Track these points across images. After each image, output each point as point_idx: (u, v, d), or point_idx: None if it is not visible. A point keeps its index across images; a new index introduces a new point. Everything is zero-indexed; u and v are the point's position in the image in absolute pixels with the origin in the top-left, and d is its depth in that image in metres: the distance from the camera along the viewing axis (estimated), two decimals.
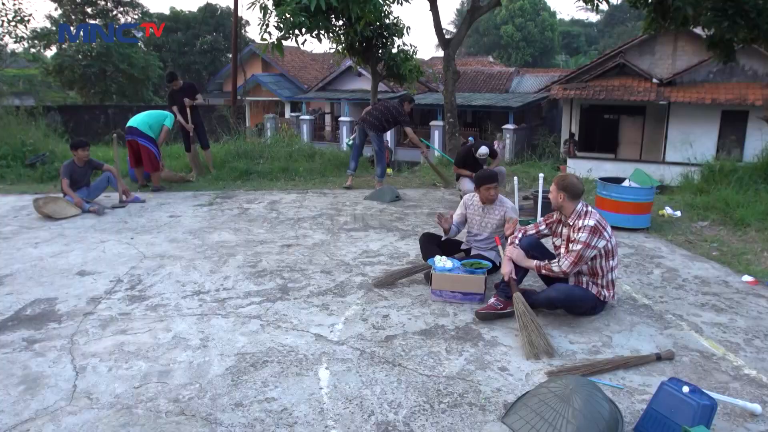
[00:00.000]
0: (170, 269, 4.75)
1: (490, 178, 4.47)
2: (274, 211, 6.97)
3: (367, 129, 8.12)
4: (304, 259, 5.05)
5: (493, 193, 4.47)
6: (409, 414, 2.67)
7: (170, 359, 3.19)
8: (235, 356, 3.23)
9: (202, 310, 3.90)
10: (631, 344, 3.43)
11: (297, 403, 2.75)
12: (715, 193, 6.95)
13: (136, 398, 2.79)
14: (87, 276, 4.58)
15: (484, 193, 4.48)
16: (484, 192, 4.47)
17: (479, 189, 4.50)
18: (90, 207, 6.77)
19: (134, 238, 5.71)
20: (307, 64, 33.74)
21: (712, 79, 17.06)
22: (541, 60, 45.46)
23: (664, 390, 2.49)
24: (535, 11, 45.72)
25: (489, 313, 3.73)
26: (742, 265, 4.88)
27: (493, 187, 4.46)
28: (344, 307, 3.97)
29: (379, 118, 8.03)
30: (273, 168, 9.51)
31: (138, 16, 28.10)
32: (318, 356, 3.23)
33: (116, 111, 10.58)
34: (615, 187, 6.03)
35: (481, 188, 4.48)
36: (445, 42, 10.44)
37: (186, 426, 2.56)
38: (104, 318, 3.75)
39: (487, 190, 4.45)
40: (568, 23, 53.84)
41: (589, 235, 3.62)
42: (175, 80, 8.72)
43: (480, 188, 4.49)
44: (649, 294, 4.27)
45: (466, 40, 48.61)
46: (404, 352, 3.30)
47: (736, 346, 3.41)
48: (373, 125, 7.99)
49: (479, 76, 28.65)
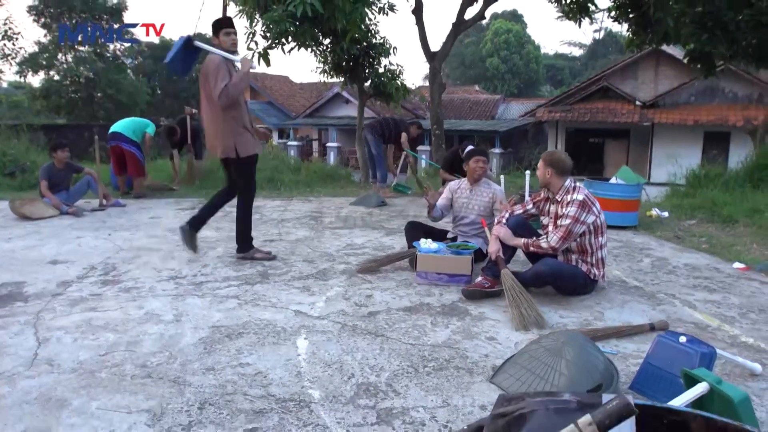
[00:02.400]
0: (147, 259, 4.59)
1: (481, 152, 4.41)
2: (258, 214, 6.83)
3: (367, 132, 8.17)
4: (286, 251, 4.90)
5: (482, 166, 4.38)
6: (391, 376, 2.51)
7: (141, 331, 3.02)
8: (210, 329, 3.06)
9: (178, 291, 3.73)
10: (624, 318, 3.31)
11: (273, 368, 2.58)
12: (702, 195, 6.93)
13: (101, 364, 2.61)
14: (59, 264, 4.39)
15: (473, 165, 4.38)
16: (473, 164, 4.38)
17: (468, 163, 4.41)
18: (68, 209, 6.59)
19: (112, 234, 5.53)
20: (295, 92, 33.99)
21: (693, 101, 17.33)
22: (527, 91, 46.16)
23: (660, 342, 2.36)
24: (520, 44, 46.63)
25: (476, 291, 3.60)
26: (732, 255, 4.80)
27: (483, 160, 4.38)
28: (326, 288, 3.82)
29: (381, 125, 8.14)
30: (258, 178, 9.33)
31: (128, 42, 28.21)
32: (297, 329, 3.07)
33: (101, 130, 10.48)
34: (602, 184, 5.99)
35: (470, 161, 4.39)
36: (431, 55, 10.51)
37: (152, 387, 2.39)
38: (74, 298, 3.57)
39: (476, 162, 4.37)
40: (552, 57, 54.89)
41: (578, 209, 3.53)
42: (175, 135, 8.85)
43: (470, 161, 4.40)
44: (639, 278, 4.16)
45: (452, 72, 49.47)
46: (387, 325, 3.15)
47: (731, 318, 3.30)
48: (374, 129, 8.07)
49: (466, 103, 28.99)
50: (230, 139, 4.28)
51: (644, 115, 17.41)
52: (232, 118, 4.25)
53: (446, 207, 4.56)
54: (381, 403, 2.27)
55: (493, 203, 4.33)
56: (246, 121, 4.35)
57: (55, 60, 25.62)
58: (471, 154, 4.45)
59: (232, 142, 4.28)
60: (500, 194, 4.41)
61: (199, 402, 2.26)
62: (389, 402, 2.28)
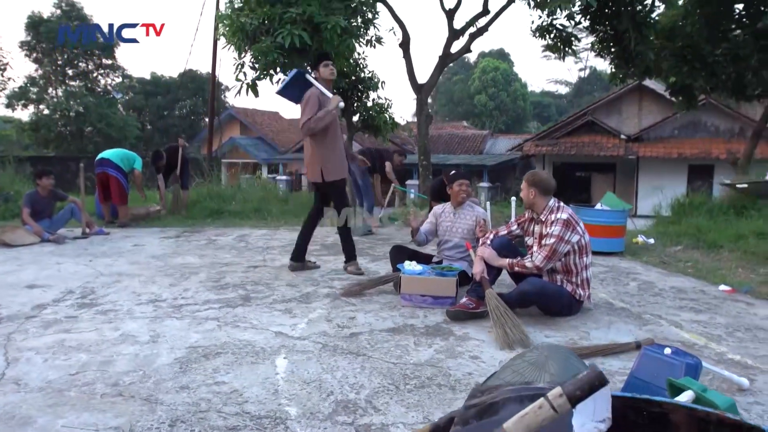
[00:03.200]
0: (127, 283, 4.50)
1: (464, 175, 4.41)
2: (243, 242, 6.78)
3: (351, 164, 8.14)
4: (269, 276, 4.83)
5: (465, 189, 4.38)
6: (371, 394, 2.44)
7: (115, 352, 2.93)
8: (186, 349, 2.98)
9: (156, 314, 3.64)
10: (610, 338, 3.25)
11: (249, 386, 2.50)
12: (687, 223, 6.97)
13: (71, 383, 2.52)
14: (36, 288, 4.30)
15: (456, 189, 4.38)
16: (457, 188, 4.37)
17: (452, 186, 4.41)
18: (50, 236, 6.50)
19: (93, 260, 5.44)
20: (285, 128, 34.22)
21: (677, 135, 17.64)
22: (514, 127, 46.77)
23: (645, 355, 2.32)
24: (507, 82, 47.48)
25: (460, 312, 3.55)
26: (717, 278, 4.79)
27: (466, 183, 4.38)
28: (308, 311, 3.75)
29: (365, 154, 8.12)
30: (245, 208, 9.35)
31: (119, 78, 28.46)
32: (277, 348, 2.99)
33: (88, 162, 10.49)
34: (588, 210, 6.00)
35: (454, 185, 4.39)
36: (418, 87, 10.65)
37: (122, 405, 2.30)
38: (48, 320, 3.48)
39: (459, 186, 4.36)
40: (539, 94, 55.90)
41: (562, 228, 3.52)
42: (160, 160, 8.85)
43: (453, 185, 4.40)
44: (626, 300, 4.13)
45: (441, 109, 50.19)
46: (370, 345, 3.08)
47: (718, 337, 3.27)
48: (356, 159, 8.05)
49: (454, 138, 29.31)
50: (317, 165, 4.74)
51: (629, 149, 17.67)
52: (322, 146, 4.69)
53: (431, 231, 4.54)
54: (360, 420, 2.19)
55: (476, 226, 4.31)
56: (337, 148, 4.75)
57: (45, 94, 25.73)
58: (454, 178, 4.45)
59: (318, 168, 4.74)
60: (482, 216, 4.40)
61: (171, 419, 2.17)
62: (368, 418, 2.20)
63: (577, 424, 0.91)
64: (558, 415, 0.78)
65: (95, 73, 27.13)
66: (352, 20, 8.91)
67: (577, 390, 0.78)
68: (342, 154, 4.87)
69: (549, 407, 0.77)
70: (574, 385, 0.79)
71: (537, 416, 0.77)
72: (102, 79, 27.56)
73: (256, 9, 8.32)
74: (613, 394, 1.15)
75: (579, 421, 0.92)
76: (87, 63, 26.49)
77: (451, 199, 4.50)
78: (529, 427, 0.76)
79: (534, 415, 0.77)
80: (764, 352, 3.00)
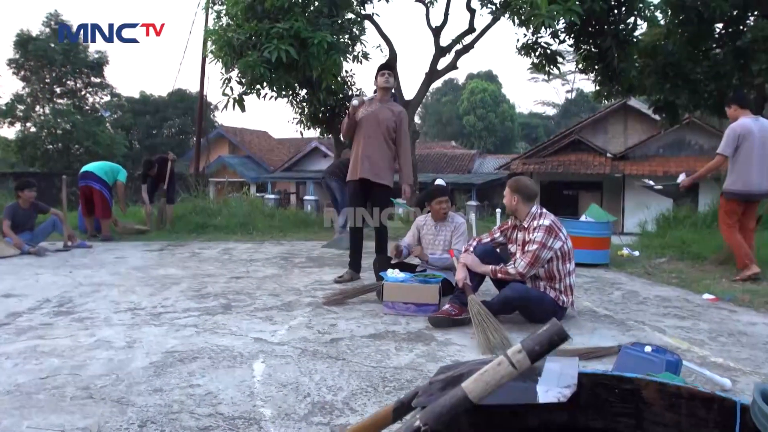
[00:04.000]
0: (106, 293, 4.42)
1: (442, 192, 4.40)
2: (227, 255, 6.71)
3: (328, 180, 8.09)
4: (252, 286, 4.77)
5: (444, 206, 4.37)
6: (349, 395, 2.39)
7: (88, 356, 2.86)
8: (163, 354, 2.91)
9: (134, 321, 3.57)
10: (593, 343, 3.23)
11: (225, 389, 2.44)
12: (672, 235, 7.00)
13: (40, 387, 2.44)
14: (12, 298, 4.21)
15: (435, 207, 4.38)
16: (436, 206, 4.37)
17: (431, 204, 4.41)
18: (30, 248, 6.40)
19: (73, 271, 5.36)
20: (273, 147, 34.26)
21: (662, 154, 17.84)
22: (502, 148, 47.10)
23: (625, 354, 2.30)
24: (495, 103, 47.96)
25: (443, 319, 3.51)
26: (701, 287, 4.79)
27: (444, 200, 4.37)
28: (290, 318, 3.70)
29: (340, 169, 8.04)
30: (230, 223, 9.28)
31: (107, 96, 28.41)
32: (255, 353, 2.94)
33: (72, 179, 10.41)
34: (572, 222, 6.01)
35: (432, 202, 4.39)
36: (405, 104, 10.71)
37: (91, 407, 2.23)
38: (22, 327, 3.40)
39: (438, 204, 4.36)
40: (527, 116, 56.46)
41: (544, 234, 3.51)
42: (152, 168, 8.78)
43: (432, 202, 4.39)
44: (610, 308, 4.12)
45: (430, 129, 50.53)
46: (350, 350, 3.03)
47: (701, 341, 3.25)
48: (335, 174, 7.98)
49: (442, 158, 29.46)
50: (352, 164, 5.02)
51: (615, 167, 17.83)
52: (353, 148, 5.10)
53: (412, 244, 4.54)
54: (336, 420, 2.14)
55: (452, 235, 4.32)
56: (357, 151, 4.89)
57: (32, 112, 25.60)
58: (431, 197, 4.44)
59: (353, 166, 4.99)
60: (461, 227, 4.39)
61: (141, 420, 2.11)
62: (344, 419, 2.15)
63: (541, 390, 0.89)
64: (518, 371, 0.75)
65: (83, 92, 27.06)
66: (340, 36, 8.99)
67: (536, 345, 0.76)
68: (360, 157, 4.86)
69: (508, 364, 0.74)
70: (533, 341, 0.76)
71: (496, 373, 0.74)
72: (90, 98, 27.50)
73: (244, 24, 8.38)
74: (583, 372, 1.12)
75: (544, 387, 0.89)
76: (75, 81, 26.43)
77: (431, 215, 4.50)
78: (488, 384, 0.74)
79: (493, 372, 0.74)
80: (746, 355, 2.99)
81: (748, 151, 4.98)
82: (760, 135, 5.01)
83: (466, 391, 0.73)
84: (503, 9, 9.49)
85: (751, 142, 4.97)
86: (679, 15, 9.06)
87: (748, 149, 4.98)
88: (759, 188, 5.04)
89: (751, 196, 5.12)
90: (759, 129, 5.03)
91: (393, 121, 4.83)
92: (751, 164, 4.98)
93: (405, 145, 4.91)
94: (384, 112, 4.83)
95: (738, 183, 5.06)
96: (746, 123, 5.04)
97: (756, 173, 5.00)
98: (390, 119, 4.82)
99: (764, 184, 5.04)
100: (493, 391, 0.74)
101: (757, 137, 4.99)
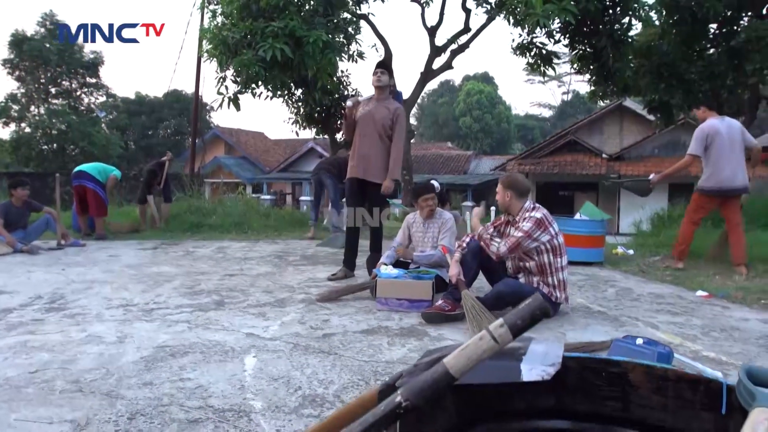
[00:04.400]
0: (99, 290, 4.40)
1: (427, 189, 4.40)
2: (222, 253, 6.70)
3: (323, 176, 8.07)
4: (245, 284, 4.76)
5: (431, 203, 4.37)
6: (340, 389, 2.38)
7: (79, 351, 2.84)
8: (154, 348, 2.90)
9: (126, 317, 3.55)
10: (587, 338, 3.22)
11: (215, 382, 2.43)
12: (666, 234, 7.01)
13: (29, 380, 2.43)
14: (3, 294, 4.19)
15: (422, 204, 4.38)
16: (422, 203, 4.38)
17: (417, 202, 4.41)
18: (23, 247, 6.37)
19: (65, 269, 5.33)
20: (269, 148, 34.23)
21: (657, 154, 17.89)
22: (498, 149, 47.18)
23: (617, 346, 2.30)
24: (492, 105, 48.02)
25: (436, 314, 3.50)
26: (695, 285, 4.80)
27: (431, 197, 4.37)
28: (282, 314, 3.69)
29: (334, 165, 8.04)
30: (225, 222, 9.26)
31: (103, 97, 28.33)
32: (246, 348, 2.92)
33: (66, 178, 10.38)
34: (567, 220, 6.02)
35: (419, 200, 4.39)
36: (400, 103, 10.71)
37: (80, 400, 2.22)
38: (12, 323, 3.38)
39: (424, 201, 4.37)
40: (523, 117, 56.55)
41: (533, 225, 3.51)
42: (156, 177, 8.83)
43: (418, 200, 4.40)
44: (603, 304, 4.12)
45: (426, 131, 50.55)
46: (342, 345, 3.02)
47: (693, 336, 3.25)
48: (329, 172, 7.96)
49: (439, 159, 29.52)
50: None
51: (611, 168, 17.86)
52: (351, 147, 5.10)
53: (404, 242, 4.54)
54: (326, 412, 2.13)
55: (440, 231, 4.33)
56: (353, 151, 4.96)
57: (26, 112, 25.49)
58: (418, 194, 4.44)
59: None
60: (448, 222, 4.38)
61: (130, 413, 2.10)
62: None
63: (525, 369, 0.88)
64: (499, 345, 0.74)
65: (79, 92, 26.95)
66: (335, 36, 8.98)
67: (518, 320, 0.75)
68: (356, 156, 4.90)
69: (490, 338, 0.74)
70: (515, 315, 0.76)
71: (478, 348, 0.74)
72: (86, 98, 27.39)
73: (239, 23, 8.37)
74: (570, 355, 1.11)
75: (528, 365, 0.89)
76: (71, 81, 26.32)
77: (419, 212, 4.50)
78: (470, 358, 0.73)
79: (475, 347, 0.74)
80: (738, 349, 2.99)
81: (718, 150, 5.20)
82: (728, 133, 5.23)
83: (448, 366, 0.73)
84: (498, 8, 9.50)
85: (720, 141, 5.19)
86: (674, 15, 9.08)
87: (718, 147, 5.20)
88: (731, 184, 5.23)
89: (724, 192, 5.29)
90: (726, 128, 5.26)
91: (389, 118, 4.82)
92: (723, 161, 5.20)
93: (398, 142, 4.90)
94: (380, 110, 4.83)
95: (711, 180, 5.29)
96: (714, 123, 5.28)
97: (728, 169, 5.20)
98: (386, 117, 4.82)
99: (736, 180, 5.24)
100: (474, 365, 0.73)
101: (725, 136, 5.21)
